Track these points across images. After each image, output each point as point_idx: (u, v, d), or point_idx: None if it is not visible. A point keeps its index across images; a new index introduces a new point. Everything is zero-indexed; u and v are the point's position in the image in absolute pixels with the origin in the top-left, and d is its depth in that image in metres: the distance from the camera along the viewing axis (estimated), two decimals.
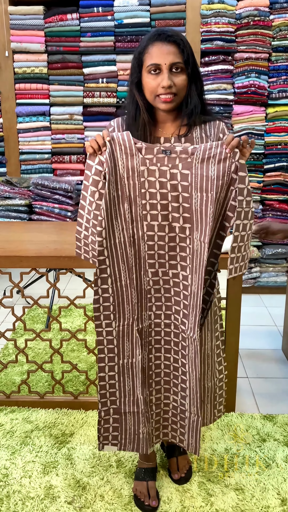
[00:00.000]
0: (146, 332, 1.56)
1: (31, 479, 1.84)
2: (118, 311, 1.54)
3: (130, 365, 1.58)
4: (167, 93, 1.37)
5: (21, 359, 2.63)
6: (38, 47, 3.41)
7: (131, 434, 1.67)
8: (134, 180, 1.40)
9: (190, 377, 1.57)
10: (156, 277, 1.51)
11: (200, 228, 1.41)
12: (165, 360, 1.61)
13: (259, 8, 3.25)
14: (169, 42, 1.36)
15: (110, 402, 1.65)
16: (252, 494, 1.77)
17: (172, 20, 3.33)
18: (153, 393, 1.64)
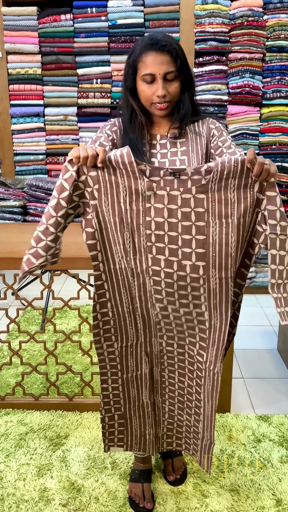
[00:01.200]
0: (157, 356, 1.48)
1: (26, 482, 1.83)
2: (120, 333, 1.44)
3: (134, 377, 1.53)
4: (162, 102, 1.40)
5: (16, 361, 2.62)
6: (32, 48, 3.41)
7: (138, 436, 1.64)
8: (138, 205, 1.21)
9: (205, 407, 1.48)
10: (166, 312, 1.35)
11: (219, 263, 1.22)
12: (179, 382, 1.52)
13: (252, 9, 3.25)
14: (162, 52, 1.37)
15: (115, 409, 1.59)
16: (247, 495, 1.77)
17: (166, 20, 3.33)
18: (166, 403, 1.58)
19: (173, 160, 1.46)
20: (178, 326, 1.38)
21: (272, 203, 1.15)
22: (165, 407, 1.60)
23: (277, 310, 1.22)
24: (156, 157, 1.47)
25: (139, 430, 1.63)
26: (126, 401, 1.58)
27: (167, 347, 1.45)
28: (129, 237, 1.24)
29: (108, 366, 1.52)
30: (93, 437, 2.07)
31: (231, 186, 1.16)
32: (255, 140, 3.48)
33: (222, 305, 1.28)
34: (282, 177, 3.53)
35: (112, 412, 1.61)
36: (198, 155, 1.47)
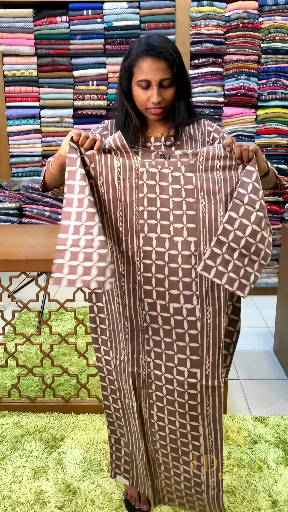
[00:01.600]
0: (145, 381, 1.39)
1: (21, 484, 1.83)
2: (114, 340, 1.39)
3: (131, 407, 1.43)
4: (157, 108, 1.39)
5: (12, 363, 2.61)
6: (28, 50, 3.41)
7: (142, 478, 1.53)
8: (131, 182, 1.23)
9: (206, 443, 1.36)
10: (154, 312, 1.29)
11: (209, 239, 1.22)
12: (169, 424, 1.38)
13: (248, 11, 3.26)
14: (159, 58, 1.34)
15: (120, 433, 1.51)
16: (243, 496, 1.77)
17: (162, 22, 3.33)
18: (159, 453, 1.46)
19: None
20: (167, 337, 1.29)
21: (247, 175, 1.18)
22: (158, 458, 1.47)
23: (207, 261, 1.16)
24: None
25: (143, 473, 1.50)
26: (128, 431, 1.46)
27: (155, 370, 1.35)
28: (122, 215, 1.24)
29: (107, 380, 1.43)
30: (89, 439, 2.06)
31: (217, 167, 1.21)
32: (250, 142, 3.48)
33: (214, 290, 1.24)
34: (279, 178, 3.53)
35: (118, 435, 1.52)
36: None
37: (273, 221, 3.59)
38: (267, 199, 3.57)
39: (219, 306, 1.26)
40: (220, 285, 1.21)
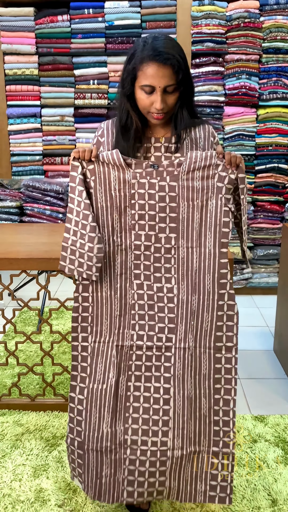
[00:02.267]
0: (126, 353, 1.51)
1: (22, 483, 1.83)
2: (96, 324, 1.53)
3: (99, 392, 1.51)
4: (160, 113, 1.41)
5: (12, 362, 2.62)
6: (29, 48, 3.41)
7: (93, 478, 1.52)
8: (125, 191, 1.46)
9: (175, 402, 1.48)
10: (141, 291, 1.51)
11: (187, 235, 1.48)
12: (144, 392, 1.50)
13: (249, 10, 3.26)
14: (165, 65, 1.33)
15: (76, 432, 1.55)
16: (243, 495, 1.77)
17: (163, 22, 3.33)
18: (128, 432, 1.49)
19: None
20: (150, 310, 1.51)
21: (243, 182, 1.45)
22: (127, 439, 1.49)
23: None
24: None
25: (94, 470, 1.51)
26: (87, 425, 1.51)
27: (138, 341, 1.50)
28: (117, 218, 1.48)
29: (79, 367, 1.55)
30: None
31: (196, 177, 1.44)
32: (251, 141, 3.49)
33: (189, 274, 1.49)
34: (279, 178, 3.54)
35: (74, 434, 1.56)
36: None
37: (273, 221, 3.60)
38: (267, 198, 3.58)
39: (191, 286, 1.49)
40: (193, 270, 1.48)
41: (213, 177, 1.44)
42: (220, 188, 1.44)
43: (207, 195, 1.44)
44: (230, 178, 1.43)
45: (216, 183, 1.44)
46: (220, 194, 1.44)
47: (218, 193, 1.44)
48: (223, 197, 1.44)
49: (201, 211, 1.45)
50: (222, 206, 1.45)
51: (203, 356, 1.50)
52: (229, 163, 1.42)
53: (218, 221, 1.45)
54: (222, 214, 1.45)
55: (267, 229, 3.60)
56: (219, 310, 1.48)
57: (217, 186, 1.44)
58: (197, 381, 1.50)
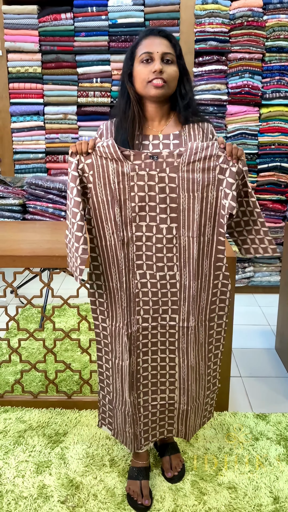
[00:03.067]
0: (134, 337, 1.59)
1: (24, 479, 1.84)
2: (111, 310, 1.60)
3: (120, 367, 1.62)
4: (158, 78, 1.40)
5: (15, 359, 2.63)
6: (32, 46, 3.41)
7: (121, 430, 1.74)
8: (124, 184, 1.44)
9: (180, 368, 1.63)
10: (144, 279, 1.54)
11: (187, 225, 1.48)
12: (152, 362, 1.64)
13: (252, 9, 3.26)
14: (161, 36, 1.43)
15: (106, 391, 1.73)
16: (245, 493, 1.78)
17: (166, 20, 3.33)
18: (140, 396, 1.66)
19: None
20: (154, 296, 1.55)
21: (246, 175, 1.45)
22: (140, 401, 1.67)
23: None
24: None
25: (121, 425, 1.72)
26: (113, 389, 1.69)
27: (143, 323, 1.58)
28: (118, 211, 1.46)
29: (103, 343, 1.67)
30: (92, 435, 2.08)
31: (196, 169, 1.43)
32: (254, 140, 3.49)
33: (191, 262, 1.51)
34: (281, 177, 3.54)
35: (104, 392, 1.75)
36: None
37: (275, 220, 3.60)
38: (270, 197, 3.58)
39: (193, 272, 1.52)
40: (193, 258, 1.50)
41: (214, 169, 1.43)
42: (221, 181, 1.44)
43: (208, 187, 1.44)
44: (231, 171, 1.42)
45: (218, 175, 1.43)
46: (221, 187, 1.44)
47: (219, 186, 1.45)
48: (223, 189, 1.44)
49: (201, 203, 1.45)
50: (221, 198, 1.45)
51: (201, 329, 1.61)
52: (230, 155, 1.41)
53: (218, 212, 1.48)
54: (220, 207, 1.47)
55: (269, 228, 3.60)
56: (214, 288, 1.58)
57: (218, 179, 1.44)
58: (197, 350, 1.62)
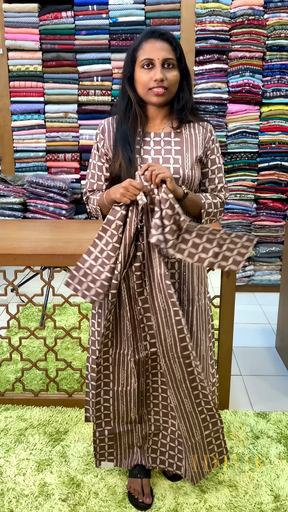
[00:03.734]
0: (143, 361, 1.58)
1: (25, 477, 1.85)
2: (116, 338, 1.58)
3: (124, 392, 1.62)
4: (159, 87, 1.41)
5: (16, 357, 2.63)
6: (33, 44, 3.41)
7: (126, 449, 1.74)
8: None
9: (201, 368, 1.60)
10: (146, 304, 1.53)
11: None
12: (162, 385, 1.63)
13: (253, 7, 3.26)
14: (162, 39, 1.41)
15: (105, 423, 1.69)
16: (246, 491, 1.78)
17: (167, 18, 3.33)
18: (151, 413, 1.67)
19: (167, 158, 1.48)
20: (159, 314, 1.50)
21: (175, 203, 1.38)
22: (150, 418, 1.68)
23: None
24: (150, 154, 1.49)
25: (127, 443, 1.72)
26: (115, 415, 1.66)
27: (151, 348, 1.57)
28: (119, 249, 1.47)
29: (102, 376, 1.62)
30: (92, 433, 2.08)
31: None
32: (254, 139, 3.49)
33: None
34: (282, 175, 3.54)
35: (103, 426, 1.69)
36: (192, 157, 1.49)
37: (276, 218, 3.60)
38: (270, 196, 3.58)
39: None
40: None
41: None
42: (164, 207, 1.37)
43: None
44: (155, 200, 1.36)
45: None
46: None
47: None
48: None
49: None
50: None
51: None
52: (149, 179, 1.36)
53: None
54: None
55: (270, 226, 3.61)
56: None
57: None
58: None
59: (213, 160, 1.55)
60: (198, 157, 1.50)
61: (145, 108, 1.50)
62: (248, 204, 3.58)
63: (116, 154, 1.48)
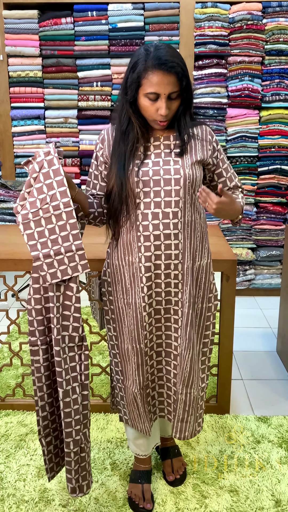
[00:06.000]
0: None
1: (26, 483, 1.84)
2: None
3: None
4: (164, 120, 1.45)
5: (16, 363, 2.63)
6: (33, 51, 3.42)
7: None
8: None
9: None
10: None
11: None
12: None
13: (252, 12, 3.27)
14: (170, 73, 1.39)
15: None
16: (247, 496, 1.78)
17: (166, 24, 3.34)
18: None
19: (167, 160, 1.50)
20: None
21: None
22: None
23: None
24: (150, 158, 1.50)
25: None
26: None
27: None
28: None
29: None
30: (93, 438, 2.07)
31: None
32: (254, 143, 3.49)
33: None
34: (282, 179, 3.54)
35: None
36: (192, 158, 1.51)
37: (276, 222, 3.60)
38: (270, 200, 3.58)
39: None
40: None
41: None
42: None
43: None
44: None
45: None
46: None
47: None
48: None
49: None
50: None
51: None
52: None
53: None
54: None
55: (270, 230, 3.61)
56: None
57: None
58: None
59: (222, 160, 1.61)
60: (198, 159, 1.52)
61: (145, 120, 1.51)
62: (248, 208, 3.58)
63: (111, 173, 1.51)
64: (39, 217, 1.41)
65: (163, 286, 1.55)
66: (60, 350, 1.46)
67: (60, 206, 1.39)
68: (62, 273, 1.42)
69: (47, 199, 1.39)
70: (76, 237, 1.42)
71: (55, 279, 1.43)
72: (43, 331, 1.52)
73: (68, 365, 1.50)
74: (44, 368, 1.54)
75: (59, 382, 1.48)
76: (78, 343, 1.51)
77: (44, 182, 1.40)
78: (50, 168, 1.40)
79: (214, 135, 1.57)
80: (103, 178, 1.58)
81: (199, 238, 1.57)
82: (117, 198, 1.49)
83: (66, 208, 1.39)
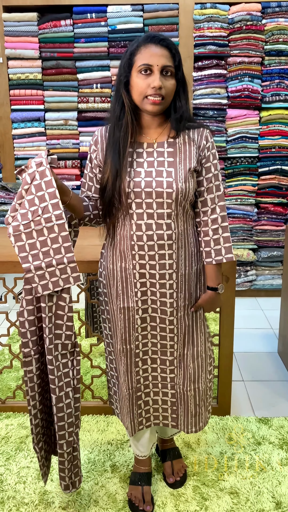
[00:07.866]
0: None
1: (26, 485, 1.84)
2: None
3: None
4: (156, 94, 1.37)
5: (16, 365, 2.63)
6: (32, 53, 3.43)
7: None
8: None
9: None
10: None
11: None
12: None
13: (251, 13, 3.27)
14: (162, 46, 1.37)
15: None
16: (247, 498, 1.77)
17: (165, 25, 3.35)
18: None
19: (160, 170, 1.44)
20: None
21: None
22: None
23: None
24: (143, 166, 1.45)
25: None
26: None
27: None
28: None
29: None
30: (93, 440, 2.07)
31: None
32: (254, 144, 3.49)
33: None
34: (282, 180, 3.54)
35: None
36: (186, 168, 1.44)
37: (277, 223, 3.60)
38: (271, 200, 3.57)
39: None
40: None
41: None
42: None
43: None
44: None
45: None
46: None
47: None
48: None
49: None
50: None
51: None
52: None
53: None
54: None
55: (271, 231, 3.60)
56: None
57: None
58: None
59: (208, 168, 1.49)
60: (192, 169, 1.45)
61: (139, 116, 1.47)
62: (249, 209, 3.58)
63: (105, 165, 1.47)
64: (31, 229, 1.38)
65: (158, 295, 1.52)
66: (52, 359, 1.46)
67: (52, 218, 1.37)
68: (53, 284, 1.41)
69: (39, 211, 1.37)
70: (68, 249, 1.39)
71: (46, 290, 1.41)
72: (36, 341, 1.51)
73: (61, 371, 1.49)
74: (37, 377, 1.53)
75: (52, 389, 1.48)
76: (70, 350, 1.51)
77: (35, 194, 1.37)
78: (42, 179, 1.36)
79: (210, 140, 1.49)
80: (98, 180, 1.54)
81: (193, 244, 1.54)
82: (111, 187, 1.44)
83: (58, 220, 1.37)
